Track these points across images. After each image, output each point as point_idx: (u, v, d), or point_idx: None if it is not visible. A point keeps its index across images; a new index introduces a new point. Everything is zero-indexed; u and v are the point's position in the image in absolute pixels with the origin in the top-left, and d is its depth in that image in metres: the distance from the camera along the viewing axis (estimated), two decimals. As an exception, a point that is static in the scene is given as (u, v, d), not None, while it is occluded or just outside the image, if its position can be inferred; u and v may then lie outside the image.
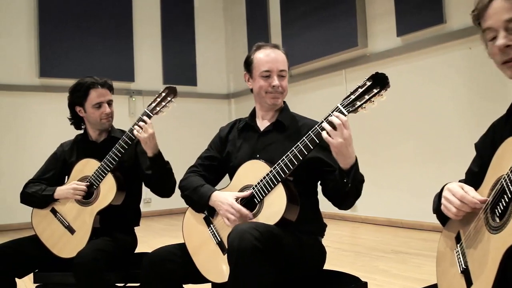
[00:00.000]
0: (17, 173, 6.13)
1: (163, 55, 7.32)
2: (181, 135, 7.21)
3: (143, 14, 7.24)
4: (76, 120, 2.40)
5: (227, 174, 1.97)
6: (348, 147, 1.54)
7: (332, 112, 1.55)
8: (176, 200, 2.28)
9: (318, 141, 1.58)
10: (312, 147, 1.59)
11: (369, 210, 5.36)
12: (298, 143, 1.61)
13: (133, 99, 6.97)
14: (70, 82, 2.44)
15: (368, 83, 1.52)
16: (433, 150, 4.76)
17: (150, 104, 2.12)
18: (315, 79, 6.13)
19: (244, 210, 1.65)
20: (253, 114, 1.98)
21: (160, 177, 2.18)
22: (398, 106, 4.97)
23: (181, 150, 6.96)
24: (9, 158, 6.19)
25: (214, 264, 1.71)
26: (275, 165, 1.64)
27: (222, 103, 7.82)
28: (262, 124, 1.92)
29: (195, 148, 7.48)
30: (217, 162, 1.98)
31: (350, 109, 1.54)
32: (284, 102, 1.95)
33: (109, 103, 2.31)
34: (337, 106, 1.56)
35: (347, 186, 1.59)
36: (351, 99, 1.55)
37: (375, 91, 1.51)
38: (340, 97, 1.58)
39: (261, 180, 1.66)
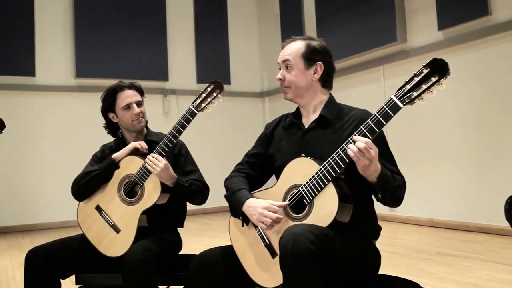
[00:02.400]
0: (57, 172, 6.24)
1: (196, 54, 7.31)
2: (214, 134, 7.17)
3: (177, 14, 7.24)
4: (111, 127, 2.38)
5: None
6: (375, 164, 1.49)
7: (384, 106, 1.45)
8: (210, 199, 2.28)
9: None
10: None
11: (410, 210, 5.19)
12: (350, 138, 1.50)
13: (167, 98, 6.97)
14: (105, 82, 2.42)
15: (426, 71, 1.40)
16: (478, 149, 4.56)
17: (195, 100, 2.07)
18: (351, 75, 5.96)
19: (279, 216, 1.60)
20: (298, 110, 1.88)
21: (187, 199, 2.22)
22: (440, 102, 4.78)
23: (215, 149, 6.96)
24: (49, 158, 6.28)
25: (263, 268, 1.63)
26: (325, 163, 1.54)
27: (256, 102, 7.74)
28: (307, 120, 1.82)
29: (229, 146, 7.48)
30: (263, 160, 1.90)
31: (406, 101, 1.43)
32: (330, 94, 1.84)
33: (138, 104, 2.27)
34: (391, 98, 1.45)
35: (379, 195, 1.56)
36: (406, 90, 1.43)
37: (434, 79, 1.39)
38: (378, 94, 1.49)
39: (310, 180, 1.56)
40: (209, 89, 2.07)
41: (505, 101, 4.31)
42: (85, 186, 2.21)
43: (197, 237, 4.93)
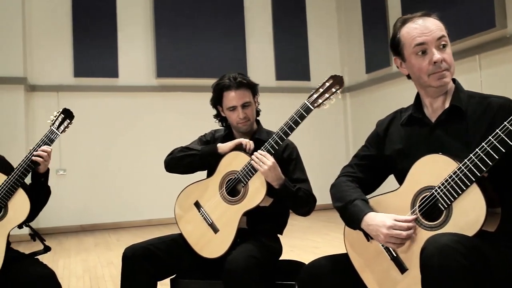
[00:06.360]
0: (141, 172, 6.33)
1: (275, 51, 7.18)
2: (295, 132, 6.99)
3: (254, 10, 7.15)
4: (221, 118, 2.26)
5: (392, 175, 1.66)
6: None
7: None
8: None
9: None
10: None
11: None
12: (498, 130, 1.25)
13: (246, 96, 6.89)
14: (186, 81, 2.29)
15: None
16: None
17: (311, 95, 1.90)
18: (443, 67, 5.56)
19: (409, 232, 1.36)
20: (417, 103, 1.60)
21: (291, 205, 2.02)
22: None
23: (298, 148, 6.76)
24: (132, 158, 6.40)
25: (390, 285, 1.42)
26: (466, 160, 1.30)
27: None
28: (432, 113, 1.54)
29: (308, 144, 7.27)
30: (377, 162, 1.67)
31: None
32: (455, 80, 1.56)
33: (245, 105, 2.10)
34: None
35: None
36: None
37: None
38: (473, 87, 1.21)
39: (447, 180, 1.32)
40: (327, 84, 1.89)
41: None
42: (178, 160, 2.11)
43: (282, 238, 4.76)
